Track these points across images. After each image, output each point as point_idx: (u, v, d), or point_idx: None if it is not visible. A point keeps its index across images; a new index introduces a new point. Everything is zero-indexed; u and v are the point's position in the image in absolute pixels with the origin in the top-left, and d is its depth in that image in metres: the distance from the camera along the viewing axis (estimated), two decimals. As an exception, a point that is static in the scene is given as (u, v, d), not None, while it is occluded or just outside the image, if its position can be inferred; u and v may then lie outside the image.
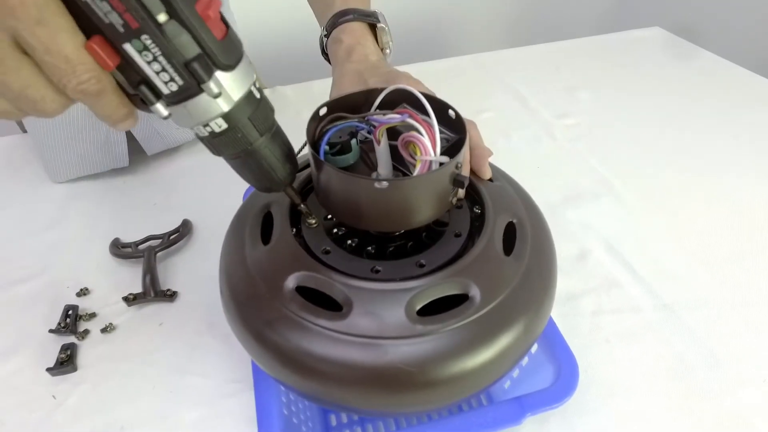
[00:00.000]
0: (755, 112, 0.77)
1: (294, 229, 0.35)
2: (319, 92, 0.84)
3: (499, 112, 0.78)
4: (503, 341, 0.30)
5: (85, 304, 0.51)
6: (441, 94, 0.34)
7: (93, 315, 0.50)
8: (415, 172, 0.30)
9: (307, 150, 0.31)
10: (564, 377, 0.37)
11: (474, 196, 0.37)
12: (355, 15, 0.49)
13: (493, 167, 0.43)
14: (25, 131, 0.74)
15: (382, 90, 0.33)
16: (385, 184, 0.27)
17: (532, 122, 0.76)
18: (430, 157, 0.29)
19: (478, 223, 0.35)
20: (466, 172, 0.36)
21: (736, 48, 1.02)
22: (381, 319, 0.29)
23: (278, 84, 0.85)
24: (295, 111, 0.77)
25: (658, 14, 1.14)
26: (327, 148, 0.32)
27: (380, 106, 0.33)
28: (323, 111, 0.33)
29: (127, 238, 0.58)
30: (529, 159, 0.69)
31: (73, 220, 0.62)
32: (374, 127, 0.31)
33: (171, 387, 0.45)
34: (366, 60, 0.45)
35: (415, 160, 0.30)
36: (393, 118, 0.30)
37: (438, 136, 0.29)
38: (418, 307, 0.30)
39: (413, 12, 1.28)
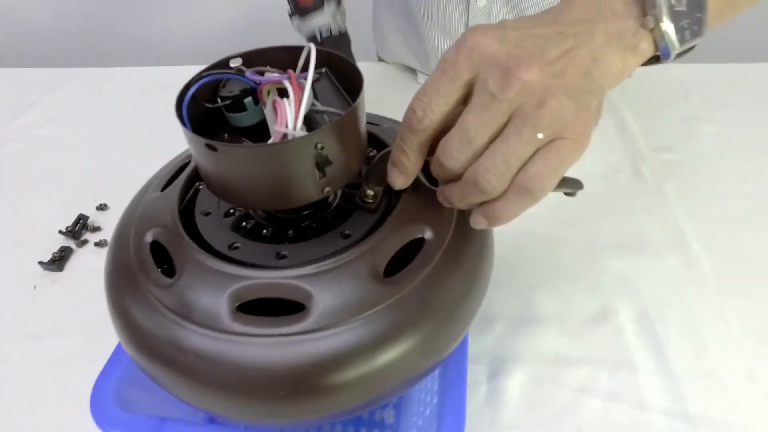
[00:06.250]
0: None
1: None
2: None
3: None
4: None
5: (98, 218, 0.56)
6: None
7: (98, 228, 0.55)
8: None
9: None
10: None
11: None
12: None
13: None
14: None
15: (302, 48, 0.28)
16: (216, 148, 0.23)
17: (621, 150, 0.62)
18: (285, 129, 0.24)
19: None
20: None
21: None
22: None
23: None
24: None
25: None
26: (219, 101, 0.28)
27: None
28: (237, 62, 0.29)
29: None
30: (598, 190, 0.56)
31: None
32: (256, 85, 0.27)
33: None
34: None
35: (284, 128, 0.25)
36: (271, 77, 0.26)
37: (304, 104, 0.24)
38: None
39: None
